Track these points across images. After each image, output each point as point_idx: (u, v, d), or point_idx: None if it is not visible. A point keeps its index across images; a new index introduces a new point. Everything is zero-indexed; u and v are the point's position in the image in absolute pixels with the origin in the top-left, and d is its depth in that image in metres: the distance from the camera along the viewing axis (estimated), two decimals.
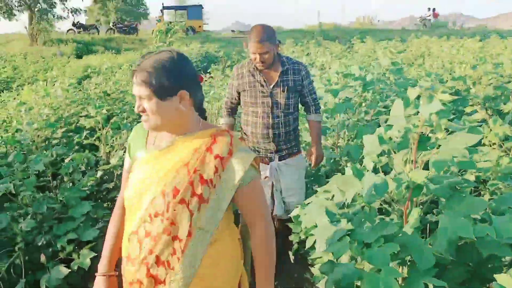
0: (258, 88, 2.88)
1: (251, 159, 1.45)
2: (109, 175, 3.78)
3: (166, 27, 22.81)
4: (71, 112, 5.13)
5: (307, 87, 2.96)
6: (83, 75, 11.53)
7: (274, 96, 2.87)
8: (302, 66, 2.97)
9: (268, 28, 2.78)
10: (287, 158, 3.02)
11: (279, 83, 2.87)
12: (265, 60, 2.77)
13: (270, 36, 2.74)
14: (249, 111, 2.96)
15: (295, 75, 2.90)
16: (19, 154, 2.86)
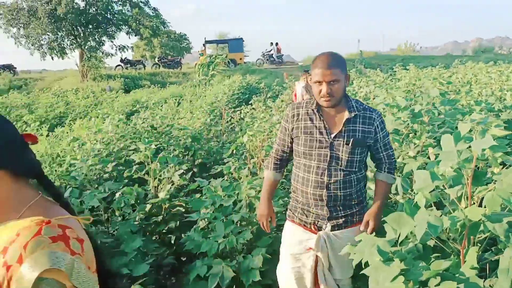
0: (315, 136, 2.25)
1: (45, 267, 0.92)
2: (157, 208, 3.87)
3: (208, 60, 23.49)
4: (121, 147, 5.33)
5: (382, 141, 2.31)
6: (131, 109, 12.00)
7: (335, 149, 2.23)
8: (376, 114, 2.28)
9: (338, 55, 2.23)
10: (343, 228, 2.34)
11: (344, 133, 2.23)
12: (334, 93, 2.15)
13: (340, 62, 2.19)
14: (301, 163, 2.34)
15: (365, 125, 2.24)
16: (75, 190, 2.99)
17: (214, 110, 9.90)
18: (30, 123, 9.56)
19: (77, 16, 26.98)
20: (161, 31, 31.95)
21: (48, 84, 24.89)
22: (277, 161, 2.55)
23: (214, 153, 6.14)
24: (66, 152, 5.58)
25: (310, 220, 2.35)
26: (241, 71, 25.76)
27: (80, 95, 17.85)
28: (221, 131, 8.17)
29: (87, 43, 29.44)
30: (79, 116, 11.57)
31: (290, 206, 2.47)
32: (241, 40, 33.56)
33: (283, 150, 2.50)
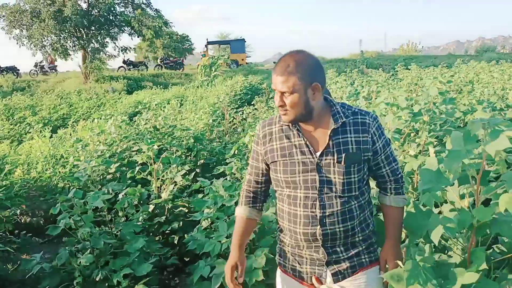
0: (296, 158, 1.72)
1: None
2: (160, 209, 3.88)
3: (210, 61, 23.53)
4: (124, 148, 5.34)
5: (383, 151, 1.76)
6: (134, 110, 12.03)
7: (324, 171, 1.70)
8: (370, 118, 1.74)
9: (302, 58, 1.64)
10: (349, 275, 1.77)
11: (332, 148, 1.69)
12: (289, 106, 1.65)
13: (302, 68, 1.61)
14: (283, 195, 1.79)
15: (358, 133, 1.71)
16: (79, 191, 3.00)
17: (217, 111, 9.92)
18: (33, 125, 9.60)
19: (81, 18, 27.04)
20: (163, 32, 31.97)
21: (51, 86, 24.96)
22: (250, 194, 1.95)
23: (216, 154, 6.15)
24: (69, 153, 5.60)
25: (305, 268, 1.79)
26: (243, 71, 25.78)
27: (83, 97, 17.90)
28: (223, 131, 8.19)
29: (90, 44, 29.47)
30: (82, 118, 11.60)
31: (278, 249, 1.94)
32: (243, 41, 33.63)
33: (256, 181, 1.93)
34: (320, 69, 1.68)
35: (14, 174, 4.88)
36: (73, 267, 2.77)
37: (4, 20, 27.53)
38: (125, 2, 30.39)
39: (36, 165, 5.53)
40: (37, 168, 5.41)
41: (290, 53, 1.66)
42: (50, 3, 26.77)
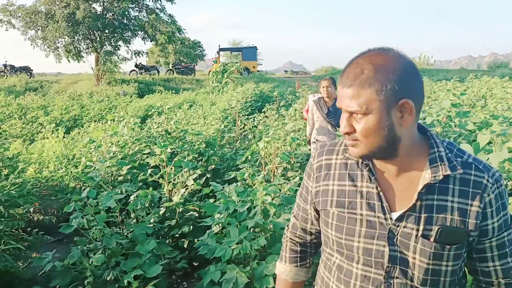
0: (359, 212, 1.14)
1: None
2: (171, 212, 3.88)
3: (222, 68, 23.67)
4: (135, 150, 5.37)
5: (496, 234, 1.11)
6: (145, 114, 12.09)
7: (400, 243, 1.10)
8: (490, 177, 1.08)
9: (387, 59, 1.01)
10: None
11: (419, 212, 1.08)
12: (358, 134, 1.06)
13: (384, 76, 0.99)
14: (332, 263, 1.23)
15: (467, 198, 1.07)
16: (92, 191, 3.02)
17: (228, 117, 9.94)
18: (45, 125, 9.68)
19: (94, 21, 27.35)
20: (176, 37, 32.23)
21: (64, 87, 25.21)
22: (296, 247, 1.41)
23: (227, 159, 6.16)
24: (82, 154, 5.64)
25: None
26: (254, 79, 25.87)
27: (94, 99, 18.03)
28: (234, 137, 8.20)
29: (103, 47, 29.80)
30: (93, 119, 11.69)
31: None
32: (255, 48, 33.77)
33: (304, 229, 1.37)
34: (415, 79, 1.02)
35: (26, 172, 4.91)
36: (85, 266, 2.78)
37: (20, 21, 27.93)
38: (139, 6, 30.72)
39: (48, 164, 5.57)
40: (49, 168, 5.45)
41: (367, 53, 1.05)
42: (64, 5, 27.12)
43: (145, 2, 30.87)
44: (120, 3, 28.44)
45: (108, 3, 29.14)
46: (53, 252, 2.92)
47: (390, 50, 1.05)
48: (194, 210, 3.91)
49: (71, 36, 28.18)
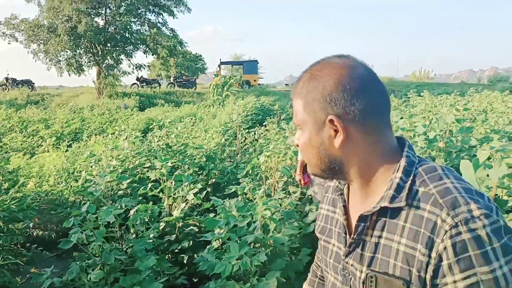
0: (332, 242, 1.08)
1: None
2: (171, 227, 3.86)
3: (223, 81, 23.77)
4: (136, 164, 5.36)
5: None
6: (146, 127, 12.11)
7: (353, 282, 0.97)
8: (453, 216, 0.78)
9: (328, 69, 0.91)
10: None
11: (365, 247, 0.93)
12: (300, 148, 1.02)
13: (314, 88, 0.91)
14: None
15: (413, 240, 0.83)
16: (92, 206, 3.00)
17: (228, 131, 9.95)
18: (46, 138, 9.69)
19: (96, 35, 27.56)
20: (177, 51, 32.45)
21: (65, 100, 25.31)
22: (317, 269, 1.35)
23: (228, 173, 6.15)
24: (82, 168, 5.63)
25: None
26: (255, 92, 25.96)
27: (95, 112, 18.08)
28: (235, 151, 8.19)
29: (105, 61, 29.99)
30: (94, 133, 11.70)
31: None
32: (255, 62, 33.97)
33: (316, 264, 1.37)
34: (362, 93, 0.88)
35: (26, 186, 4.90)
36: (83, 282, 2.75)
37: (23, 34, 28.16)
38: (141, 20, 30.99)
39: (49, 178, 5.56)
40: (49, 182, 5.44)
41: (319, 61, 0.96)
42: (67, 19, 27.36)
43: (147, 16, 31.16)
44: (122, 17, 28.71)
45: (110, 17, 29.42)
46: (51, 268, 2.89)
47: (342, 58, 0.92)
48: (194, 225, 3.89)
49: (73, 49, 28.39)
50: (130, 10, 29.26)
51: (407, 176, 0.88)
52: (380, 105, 0.90)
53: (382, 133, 0.91)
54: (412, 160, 0.90)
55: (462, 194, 0.81)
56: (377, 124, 0.90)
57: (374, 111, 0.89)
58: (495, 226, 0.76)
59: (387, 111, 0.93)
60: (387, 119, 0.92)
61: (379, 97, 0.90)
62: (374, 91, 0.89)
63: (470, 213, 0.77)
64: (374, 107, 0.89)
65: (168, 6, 30.94)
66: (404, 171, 0.88)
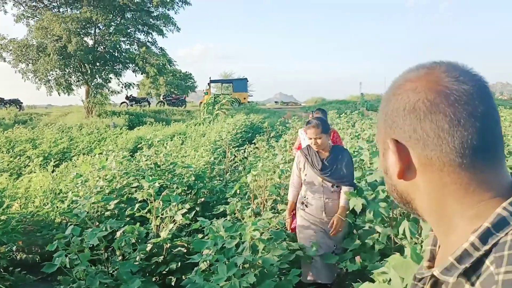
0: None
1: None
2: (158, 248, 3.79)
3: (213, 99, 23.81)
4: (124, 184, 5.30)
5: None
6: (135, 146, 12.03)
7: None
8: None
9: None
10: None
11: None
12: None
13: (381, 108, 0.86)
14: None
15: None
16: (77, 228, 2.94)
17: (218, 149, 9.92)
18: (33, 158, 9.57)
19: (86, 54, 27.54)
20: (167, 69, 32.51)
21: (53, 119, 25.12)
22: None
23: (217, 192, 6.10)
24: (68, 189, 5.55)
25: None
26: (245, 110, 26.03)
27: (84, 131, 17.96)
28: (224, 169, 8.15)
29: (94, 80, 29.91)
30: (82, 152, 11.59)
31: None
32: (245, 80, 34.12)
33: None
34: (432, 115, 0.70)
35: (11, 208, 4.81)
36: None
37: (11, 54, 28.05)
38: (130, 40, 31.08)
39: (35, 199, 5.47)
40: (35, 203, 5.34)
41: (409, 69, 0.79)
42: (56, 39, 27.34)
43: (136, 35, 31.27)
44: (111, 37, 28.76)
45: (99, 36, 29.46)
46: None
47: (426, 68, 0.73)
48: (182, 246, 3.83)
49: (62, 69, 28.31)
50: (120, 30, 29.34)
51: (484, 243, 0.62)
52: (472, 131, 0.66)
53: (474, 170, 0.67)
54: (504, 220, 0.63)
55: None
56: (466, 157, 0.67)
57: (460, 139, 0.66)
58: None
59: (489, 139, 0.67)
60: (487, 150, 0.67)
61: (473, 120, 0.66)
62: (463, 112, 0.66)
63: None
64: (460, 134, 0.66)
65: (157, 26, 31.09)
66: (481, 235, 0.63)
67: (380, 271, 2.16)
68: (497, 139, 0.68)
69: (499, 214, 0.63)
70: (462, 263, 0.63)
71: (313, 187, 3.74)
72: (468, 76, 0.68)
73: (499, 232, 0.62)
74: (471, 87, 0.67)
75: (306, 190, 3.79)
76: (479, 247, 0.62)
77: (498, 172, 0.68)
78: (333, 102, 33.13)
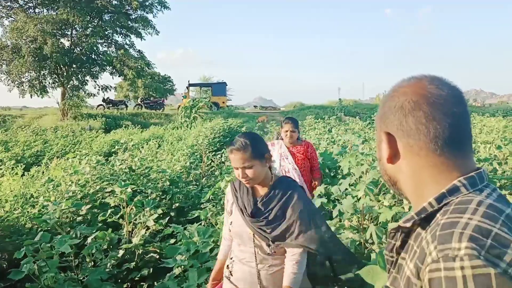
0: None
1: None
2: (131, 254, 3.76)
3: (191, 103, 23.71)
4: (97, 189, 5.22)
5: None
6: (110, 150, 11.88)
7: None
8: (439, 250, 0.78)
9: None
10: None
11: (390, 264, 1.08)
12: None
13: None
14: None
15: (414, 265, 0.85)
16: (46, 235, 2.89)
17: (195, 153, 9.88)
18: (5, 161, 9.35)
19: (62, 56, 27.11)
20: (145, 72, 32.26)
21: (28, 122, 24.61)
22: None
23: (192, 197, 6.08)
24: (40, 193, 5.44)
25: None
26: (223, 114, 26.01)
27: (59, 134, 17.64)
28: (201, 174, 8.13)
29: (70, 82, 29.47)
30: (56, 155, 11.39)
31: None
32: (224, 84, 34.11)
33: None
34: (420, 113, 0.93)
35: None
36: None
37: None
38: (108, 42, 30.76)
39: (5, 204, 5.34)
40: (5, 207, 5.22)
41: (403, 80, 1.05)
42: (31, 40, 26.85)
43: (114, 37, 30.96)
44: (89, 39, 28.41)
45: (76, 38, 29.07)
46: None
47: (419, 78, 0.94)
48: (155, 252, 3.80)
49: (37, 71, 27.79)
50: (97, 32, 29.01)
51: (438, 202, 0.84)
52: (447, 126, 0.86)
53: (446, 155, 0.87)
54: (457, 188, 0.84)
55: (466, 232, 0.74)
56: (441, 145, 0.86)
57: (437, 131, 0.86)
58: (478, 272, 0.68)
59: (460, 133, 0.87)
60: (458, 141, 0.87)
61: (448, 118, 0.86)
62: (440, 112, 0.86)
63: (454, 251, 0.72)
64: (437, 128, 0.86)
65: (136, 28, 30.87)
66: (437, 197, 0.85)
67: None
68: (466, 134, 0.89)
69: (454, 184, 0.85)
70: (418, 215, 0.86)
71: (241, 243, 2.28)
72: (446, 85, 0.90)
73: (451, 196, 0.84)
74: (447, 93, 0.88)
75: (235, 246, 2.34)
76: (434, 205, 0.84)
77: (465, 160, 0.88)
78: (311, 107, 33.39)
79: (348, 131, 8.81)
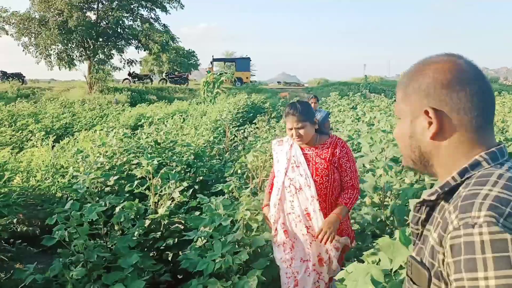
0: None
1: None
2: (156, 224, 3.88)
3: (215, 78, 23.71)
4: (124, 161, 5.36)
5: None
6: (136, 123, 12.09)
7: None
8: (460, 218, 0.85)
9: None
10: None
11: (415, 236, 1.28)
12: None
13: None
14: None
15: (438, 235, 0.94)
16: (76, 203, 3.02)
17: (218, 128, 9.97)
18: (35, 133, 9.63)
19: (88, 29, 27.37)
20: (170, 46, 32.32)
21: (56, 94, 25.11)
22: None
23: (216, 171, 6.17)
24: (69, 164, 5.62)
25: None
26: (247, 89, 25.97)
27: (86, 107, 17.99)
28: (224, 149, 8.22)
29: (96, 55, 29.80)
30: (84, 128, 11.65)
31: None
32: (248, 59, 33.96)
33: None
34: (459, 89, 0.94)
35: (13, 181, 4.89)
36: (66, 279, 2.77)
37: (13, 27, 27.90)
38: (133, 16, 30.83)
39: (36, 174, 5.55)
40: (36, 177, 5.42)
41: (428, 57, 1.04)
42: (58, 13, 27.13)
43: (139, 11, 31.00)
44: (114, 12, 28.54)
45: (102, 11, 29.23)
46: (34, 265, 2.91)
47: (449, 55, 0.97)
48: (180, 223, 3.91)
49: (64, 44, 28.16)
50: (123, 5, 29.10)
51: (461, 176, 0.89)
52: (479, 103, 0.91)
53: (477, 132, 0.92)
54: (479, 163, 0.90)
55: (486, 202, 0.79)
56: (475, 122, 0.91)
57: (473, 108, 0.90)
58: (495, 238, 0.73)
59: (488, 110, 0.93)
60: (486, 118, 0.92)
61: (480, 95, 0.91)
62: (474, 89, 0.91)
63: (474, 219, 0.77)
64: (473, 104, 0.90)
65: (161, 2, 30.80)
66: (460, 172, 0.90)
67: (370, 253, 2.22)
68: (493, 110, 0.95)
69: (476, 159, 0.90)
70: (442, 189, 0.91)
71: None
72: (472, 63, 0.95)
73: (473, 170, 0.89)
74: (479, 71, 0.94)
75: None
76: (457, 179, 0.89)
77: (490, 136, 0.94)
78: (335, 83, 33.01)
79: (374, 108, 8.72)
